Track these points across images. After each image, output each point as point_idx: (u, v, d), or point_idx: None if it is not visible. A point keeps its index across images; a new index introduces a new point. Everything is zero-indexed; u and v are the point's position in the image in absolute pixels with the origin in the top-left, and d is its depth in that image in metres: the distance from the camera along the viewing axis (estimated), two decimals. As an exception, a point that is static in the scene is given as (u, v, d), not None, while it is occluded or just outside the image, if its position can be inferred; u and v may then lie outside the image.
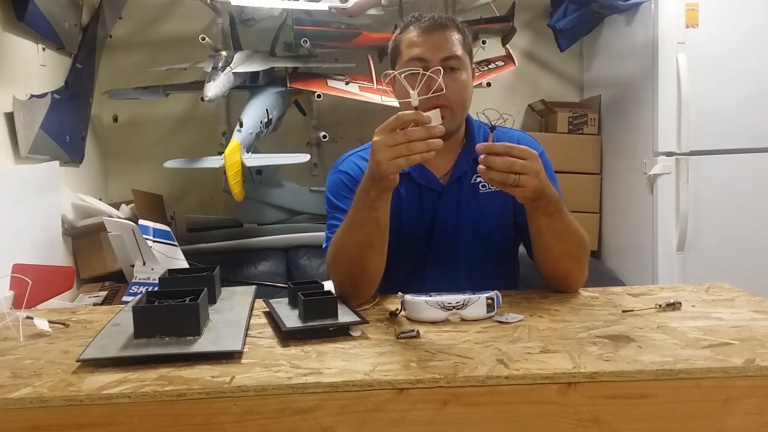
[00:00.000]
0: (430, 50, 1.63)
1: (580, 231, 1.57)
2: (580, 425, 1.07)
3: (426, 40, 1.64)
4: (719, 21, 2.91)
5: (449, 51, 1.63)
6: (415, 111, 1.32)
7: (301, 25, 3.16)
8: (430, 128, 1.30)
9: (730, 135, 2.93)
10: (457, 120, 1.69)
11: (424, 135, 1.31)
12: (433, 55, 1.63)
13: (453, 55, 1.64)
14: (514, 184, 1.39)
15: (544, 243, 1.56)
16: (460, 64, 1.65)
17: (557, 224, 1.52)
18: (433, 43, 1.63)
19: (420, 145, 1.31)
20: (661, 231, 2.97)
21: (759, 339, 1.22)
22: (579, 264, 1.59)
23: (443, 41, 1.64)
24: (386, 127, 1.34)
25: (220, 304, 1.49)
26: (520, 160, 1.38)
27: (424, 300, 1.38)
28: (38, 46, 2.77)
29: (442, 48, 1.63)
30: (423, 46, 1.64)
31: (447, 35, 1.65)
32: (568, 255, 1.56)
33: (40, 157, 2.65)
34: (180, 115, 3.65)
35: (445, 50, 1.63)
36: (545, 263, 1.60)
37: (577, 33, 3.45)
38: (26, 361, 1.20)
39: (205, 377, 1.09)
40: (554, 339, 1.25)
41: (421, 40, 1.64)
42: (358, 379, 1.07)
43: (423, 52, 1.63)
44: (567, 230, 1.54)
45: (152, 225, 2.62)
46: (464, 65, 1.66)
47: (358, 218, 1.48)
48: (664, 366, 1.09)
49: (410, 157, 1.32)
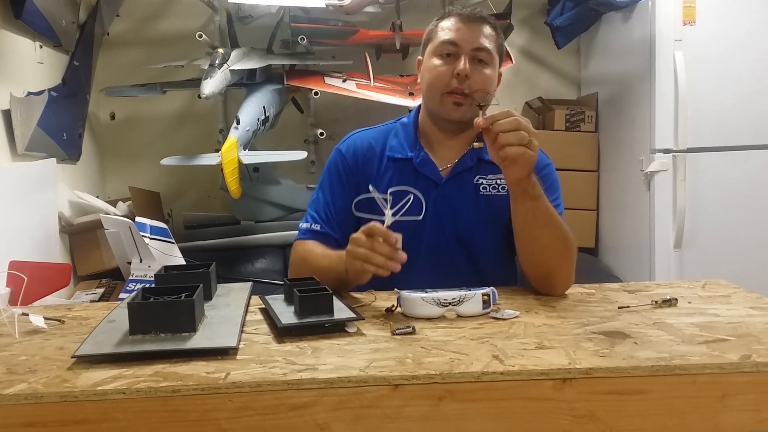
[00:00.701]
0: (463, 37, 1.67)
1: (564, 227, 1.56)
2: (575, 421, 1.07)
3: (462, 27, 1.68)
4: (716, 18, 2.91)
5: (481, 43, 1.67)
6: (387, 229, 1.41)
7: (298, 22, 3.16)
8: (394, 252, 1.39)
9: (727, 132, 2.93)
10: (474, 111, 1.68)
11: (385, 252, 1.39)
12: (465, 42, 1.67)
13: (484, 48, 1.67)
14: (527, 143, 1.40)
15: (529, 232, 1.55)
16: (489, 59, 1.69)
17: (541, 210, 1.52)
18: (468, 32, 1.68)
19: (378, 258, 1.40)
20: (658, 228, 2.97)
21: (755, 335, 1.22)
22: (564, 262, 1.56)
23: (478, 33, 1.68)
24: (364, 229, 1.43)
25: (215, 300, 1.49)
26: (524, 120, 1.42)
27: (420, 296, 1.38)
28: (35, 44, 2.77)
29: (475, 38, 1.67)
30: (458, 32, 1.68)
31: (483, 29, 1.69)
32: (552, 248, 1.54)
33: (37, 155, 2.65)
34: (177, 112, 3.65)
35: (477, 41, 1.67)
36: (529, 258, 1.58)
37: (575, 30, 3.45)
38: (21, 358, 1.20)
39: (200, 373, 1.09)
40: (550, 335, 1.25)
41: (458, 27, 1.69)
42: (353, 375, 1.06)
43: (457, 37, 1.67)
44: (550, 219, 1.53)
45: (149, 222, 2.61)
46: (492, 62, 1.70)
47: (334, 267, 1.55)
48: (659, 362, 1.09)
49: (365, 264, 1.41)
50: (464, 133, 1.74)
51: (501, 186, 1.72)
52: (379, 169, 1.76)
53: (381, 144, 1.79)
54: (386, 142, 1.79)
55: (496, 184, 1.73)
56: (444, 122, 1.73)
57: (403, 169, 1.74)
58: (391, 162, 1.76)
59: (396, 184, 1.66)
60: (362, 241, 1.43)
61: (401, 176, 1.72)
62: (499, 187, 1.72)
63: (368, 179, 1.73)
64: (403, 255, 1.40)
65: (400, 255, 1.40)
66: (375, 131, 1.84)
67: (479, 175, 1.73)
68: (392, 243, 1.40)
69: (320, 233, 1.74)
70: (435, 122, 1.75)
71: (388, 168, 1.75)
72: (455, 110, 1.68)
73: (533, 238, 1.55)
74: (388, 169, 1.75)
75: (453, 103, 1.68)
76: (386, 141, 1.79)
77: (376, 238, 1.41)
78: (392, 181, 1.70)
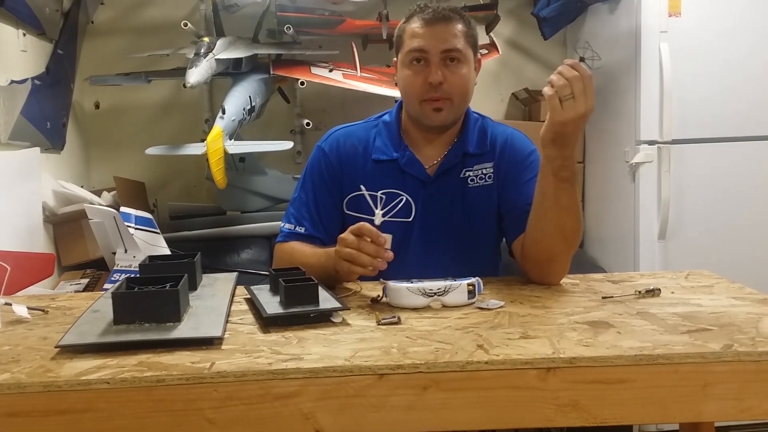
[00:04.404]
0: (430, 42, 1.64)
1: (580, 217, 1.54)
2: (559, 410, 1.08)
3: (428, 31, 1.65)
4: (702, 10, 2.91)
5: (450, 44, 1.64)
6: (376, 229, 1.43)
7: (285, 11, 3.14)
8: (380, 250, 1.41)
9: (712, 124, 2.94)
10: (455, 112, 1.69)
11: (372, 252, 1.41)
12: (433, 47, 1.64)
13: (453, 48, 1.65)
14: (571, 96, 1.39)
15: (544, 210, 1.53)
16: (461, 56, 1.66)
17: (564, 193, 1.49)
18: (434, 35, 1.65)
19: (364, 258, 1.41)
20: (642, 219, 2.98)
21: (737, 325, 1.23)
22: (567, 249, 1.56)
23: (445, 33, 1.65)
24: (352, 228, 1.44)
25: (201, 290, 1.49)
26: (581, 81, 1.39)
27: (406, 286, 1.38)
28: (18, 32, 2.74)
29: (443, 40, 1.64)
30: (424, 37, 1.65)
31: (449, 28, 1.66)
32: (561, 233, 1.53)
33: (21, 144, 2.62)
34: (162, 101, 3.63)
35: (446, 42, 1.64)
36: (535, 237, 1.57)
37: (561, 21, 3.44)
38: (4, 348, 1.19)
39: (185, 363, 1.09)
40: (534, 325, 1.25)
41: (423, 31, 1.66)
42: (338, 365, 1.07)
43: (424, 43, 1.65)
44: (571, 206, 1.51)
45: (134, 212, 2.60)
46: (465, 58, 1.67)
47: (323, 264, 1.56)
48: (642, 351, 1.10)
49: (352, 265, 1.43)
50: (448, 130, 1.74)
51: (488, 175, 1.73)
52: (365, 170, 1.75)
53: (364, 143, 1.78)
54: (369, 141, 1.78)
55: (483, 174, 1.73)
56: (426, 126, 1.73)
57: (390, 171, 1.73)
58: (376, 164, 1.75)
59: (383, 186, 1.66)
60: (350, 241, 1.43)
61: (388, 178, 1.72)
62: (486, 177, 1.73)
63: (353, 179, 1.73)
64: (390, 254, 1.41)
65: (387, 254, 1.41)
66: (357, 128, 1.82)
67: (465, 168, 1.73)
68: (380, 243, 1.40)
69: (305, 236, 1.73)
70: (416, 125, 1.75)
71: (373, 169, 1.74)
72: (436, 116, 1.68)
73: (546, 218, 1.53)
74: (373, 171, 1.74)
75: (432, 110, 1.67)
76: (369, 140, 1.78)
77: (363, 238, 1.41)
78: (379, 183, 1.70)
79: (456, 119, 1.72)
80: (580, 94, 1.38)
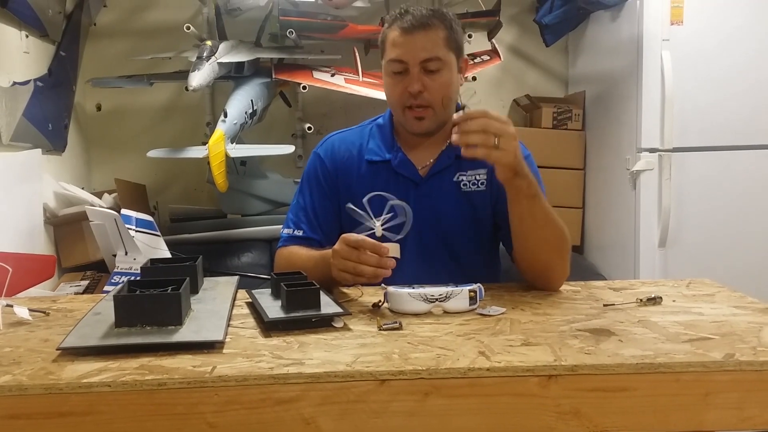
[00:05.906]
0: (409, 52, 1.65)
1: (560, 223, 1.57)
2: (560, 418, 1.07)
3: (406, 41, 1.65)
4: (704, 18, 2.92)
5: (429, 52, 1.64)
6: (376, 240, 1.42)
7: (287, 15, 3.15)
8: (383, 260, 1.40)
9: (713, 132, 2.95)
10: (437, 119, 1.70)
11: (375, 263, 1.40)
12: (411, 57, 1.64)
13: (432, 57, 1.64)
14: (495, 146, 1.39)
15: (526, 230, 1.56)
16: (441, 65, 1.65)
17: (538, 209, 1.52)
18: (412, 45, 1.64)
19: (366, 269, 1.41)
20: (643, 227, 2.98)
21: (738, 334, 1.23)
22: (560, 258, 1.58)
23: (423, 42, 1.64)
24: (349, 241, 1.43)
25: (202, 294, 1.49)
26: (496, 122, 1.40)
27: (407, 292, 1.38)
28: (21, 33, 2.75)
29: (421, 49, 1.64)
30: (403, 47, 1.65)
31: (429, 35, 1.65)
32: (549, 245, 1.55)
33: (22, 145, 2.63)
34: (164, 104, 3.63)
35: (424, 51, 1.64)
36: (526, 255, 1.59)
37: (563, 28, 3.45)
38: (5, 350, 1.19)
39: (187, 367, 1.08)
40: (536, 332, 1.25)
41: (402, 41, 1.65)
42: (339, 370, 1.07)
43: (402, 54, 1.65)
44: (547, 217, 1.54)
45: (135, 215, 2.60)
46: (446, 64, 1.67)
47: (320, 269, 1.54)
48: (644, 360, 1.10)
49: (355, 277, 1.43)
50: (436, 134, 1.74)
51: (480, 181, 1.73)
52: (359, 172, 1.76)
53: (358, 146, 1.79)
54: (363, 144, 1.79)
55: (476, 180, 1.73)
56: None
57: (382, 172, 1.75)
58: (370, 165, 1.76)
59: (375, 187, 1.66)
60: (347, 254, 1.43)
61: (380, 179, 1.73)
62: (479, 183, 1.73)
63: (348, 182, 1.75)
64: (392, 262, 1.41)
65: (390, 262, 1.41)
66: (351, 133, 1.84)
67: (459, 171, 1.74)
68: (383, 254, 1.41)
69: (303, 238, 1.75)
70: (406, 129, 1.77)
71: (367, 171, 1.76)
72: (418, 124, 1.70)
73: (530, 237, 1.56)
74: (367, 172, 1.76)
75: (414, 118, 1.69)
76: (363, 143, 1.79)
77: (363, 251, 1.41)
78: (371, 184, 1.70)
79: (440, 124, 1.72)
80: (499, 131, 1.40)
